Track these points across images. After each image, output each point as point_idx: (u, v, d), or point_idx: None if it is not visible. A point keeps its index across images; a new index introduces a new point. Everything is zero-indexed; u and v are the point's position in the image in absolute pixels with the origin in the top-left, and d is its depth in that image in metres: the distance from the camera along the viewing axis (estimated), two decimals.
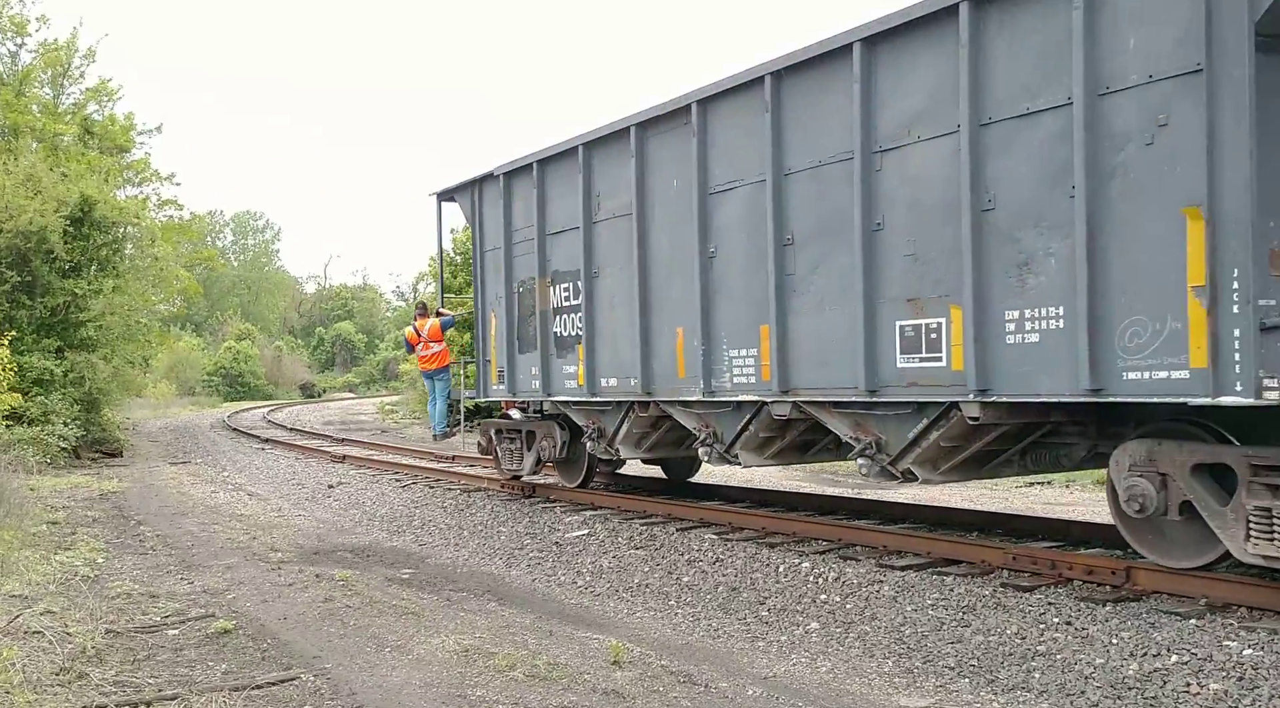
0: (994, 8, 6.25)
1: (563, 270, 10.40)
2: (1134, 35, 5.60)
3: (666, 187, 8.96)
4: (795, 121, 7.65)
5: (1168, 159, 5.49)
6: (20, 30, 28.75)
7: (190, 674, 5.66)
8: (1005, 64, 6.23)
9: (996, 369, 6.32)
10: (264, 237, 78.70)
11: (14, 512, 10.17)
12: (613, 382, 9.83)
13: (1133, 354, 5.63)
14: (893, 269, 6.97)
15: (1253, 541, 5.48)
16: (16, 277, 18.58)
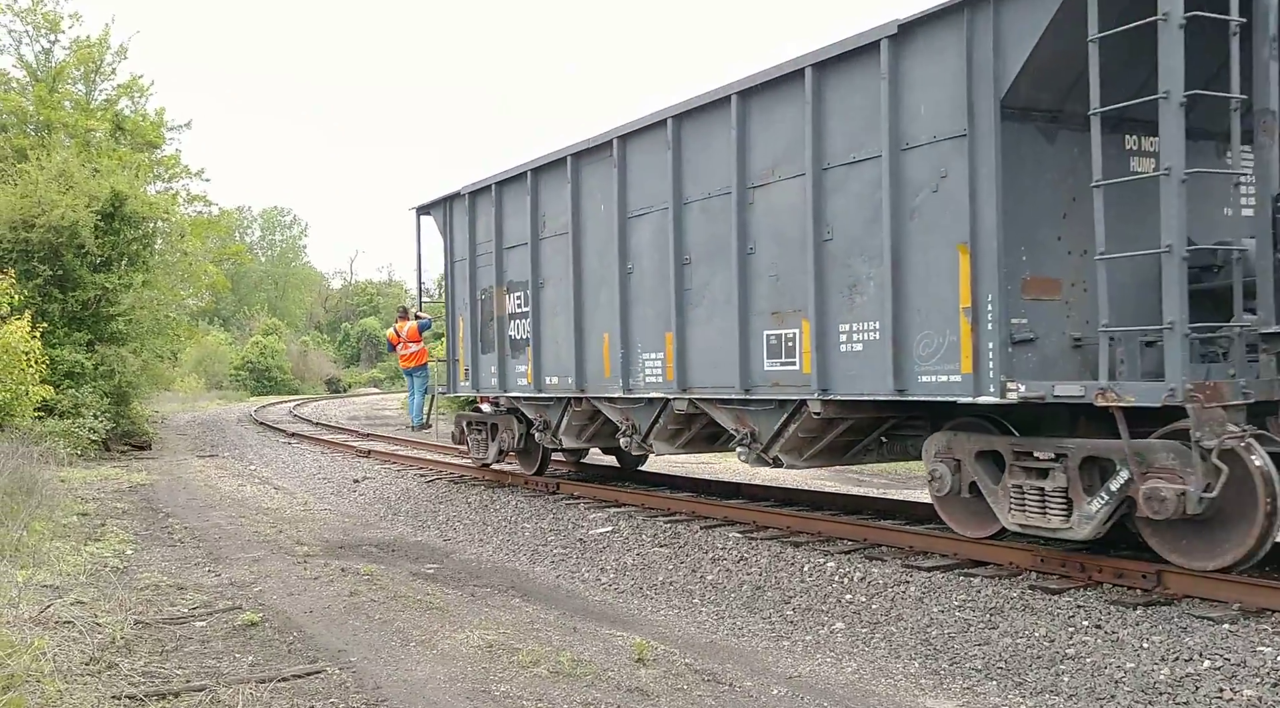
0: (831, 73, 7.52)
1: (516, 281, 11.78)
2: (923, 104, 6.89)
3: (596, 210, 10.25)
4: (690, 159, 8.95)
5: (947, 204, 6.76)
6: (54, 27, 29.10)
7: (218, 666, 5.70)
8: (839, 120, 7.51)
9: (833, 372, 7.64)
10: (291, 233, 79.25)
11: (45, 503, 10.28)
12: (554, 380, 11.10)
13: (925, 362, 6.96)
14: (761, 287, 8.28)
15: (1012, 512, 6.80)
16: (49, 271, 18.80)
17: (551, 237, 11.01)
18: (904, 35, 7.00)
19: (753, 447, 8.58)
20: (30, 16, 28.82)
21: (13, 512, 8.81)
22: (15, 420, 14.54)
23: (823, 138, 7.61)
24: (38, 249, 18.71)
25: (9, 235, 18.49)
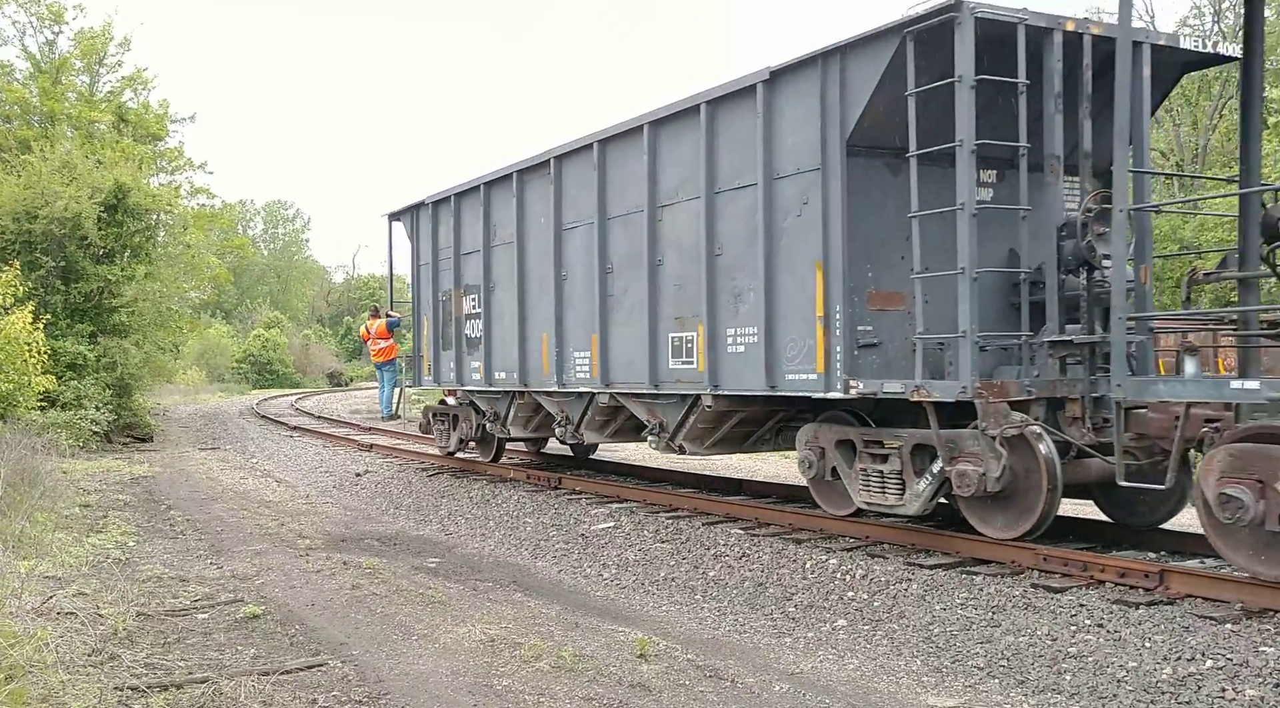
0: (721, 109, 8.64)
1: (471, 284, 12.82)
2: (790, 140, 7.96)
3: (537, 222, 11.27)
4: (613, 179, 9.95)
5: (807, 227, 7.84)
6: (57, 19, 29.07)
7: (220, 658, 5.70)
8: (727, 151, 8.59)
9: (722, 371, 8.74)
10: (294, 226, 79.18)
11: (47, 494, 10.29)
12: (503, 375, 12.15)
13: (791, 362, 8.07)
14: (668, 295, 9.37)
15: (860, 492, 7.96)
16: (51, 262, 18.80)
17: (501, 245, 12.08)
18: (775, 80, 8.07)
19: (661, 436, 9.66)
20: (34, 7, 28.80)
21: (15, 503, 8.81)
22: (17, 412, 14.55)
23: (715, 166, 8.74)
24: (41, 240, 18.71)
25: (12, 226, 18.49)
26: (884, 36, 7.24)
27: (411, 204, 14.28)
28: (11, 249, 18.10)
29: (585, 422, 10.96)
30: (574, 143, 10.44)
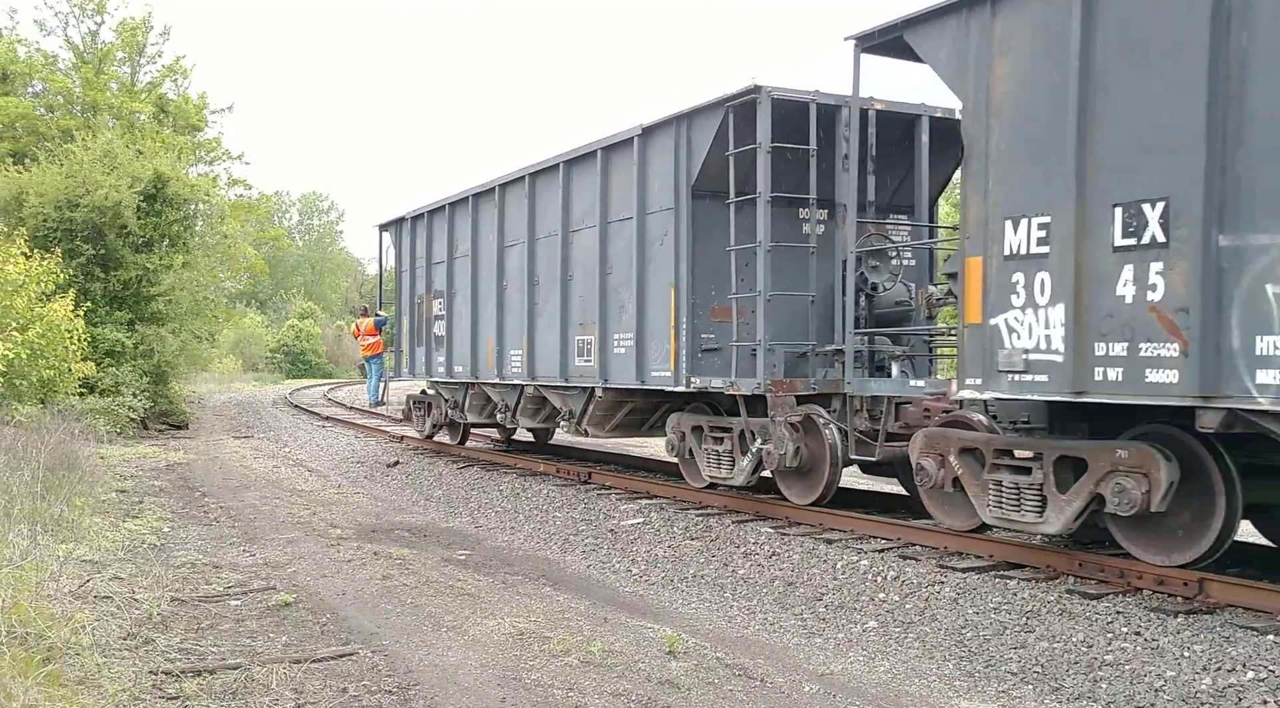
0: (613, 154, 10.56)
1: (438, 290, 14.87)
2: (657, 183, 9.92)
3: (487, 239, 13.31)
4: (539, 206, 11.99)
5: (667, 254, 9.79)
6: (100, 9, 29.45)
7: (252, 645, 5.75)
8: (616, 189, 10.51)
9: (610, 368, 10.67)
10: (328, 218, 79.88)
11: (85, 479, 10.43)
12: (460, 369, 14.18)
13: (654, 362, 10.03)
14: (575, 305, 11.32)
15: (705, 467, 9.92)
16: (91, 250, 19.05)
17: (460, 257, 14.16)
18: (647, 134, 10.04)
19: (570, 421, 11.66)
20: None
21: (54, 487, 8.93)
22: (58, 397, 14.76)
23: (608, 200, 10.65)
24: (81, 229, 18.97)
25: (54, 215, 18.76)
26: (714, 108, 9.13)
27: (396, 218, 16.48)
28: (53, 237, 18.35)
29: (519, 409, 13.02)
30: (513, 173, 12.55)
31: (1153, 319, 5.81)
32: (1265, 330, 5.31)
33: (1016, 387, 6.58)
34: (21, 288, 13.58)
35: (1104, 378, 6.06)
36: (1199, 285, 5.56)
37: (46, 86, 28.31)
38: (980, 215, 6.86)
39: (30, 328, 13.25)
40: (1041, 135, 6.44)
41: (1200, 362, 5.56)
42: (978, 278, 6.90)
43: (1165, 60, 5.81)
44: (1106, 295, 6.05)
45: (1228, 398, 5.50)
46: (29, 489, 8.04)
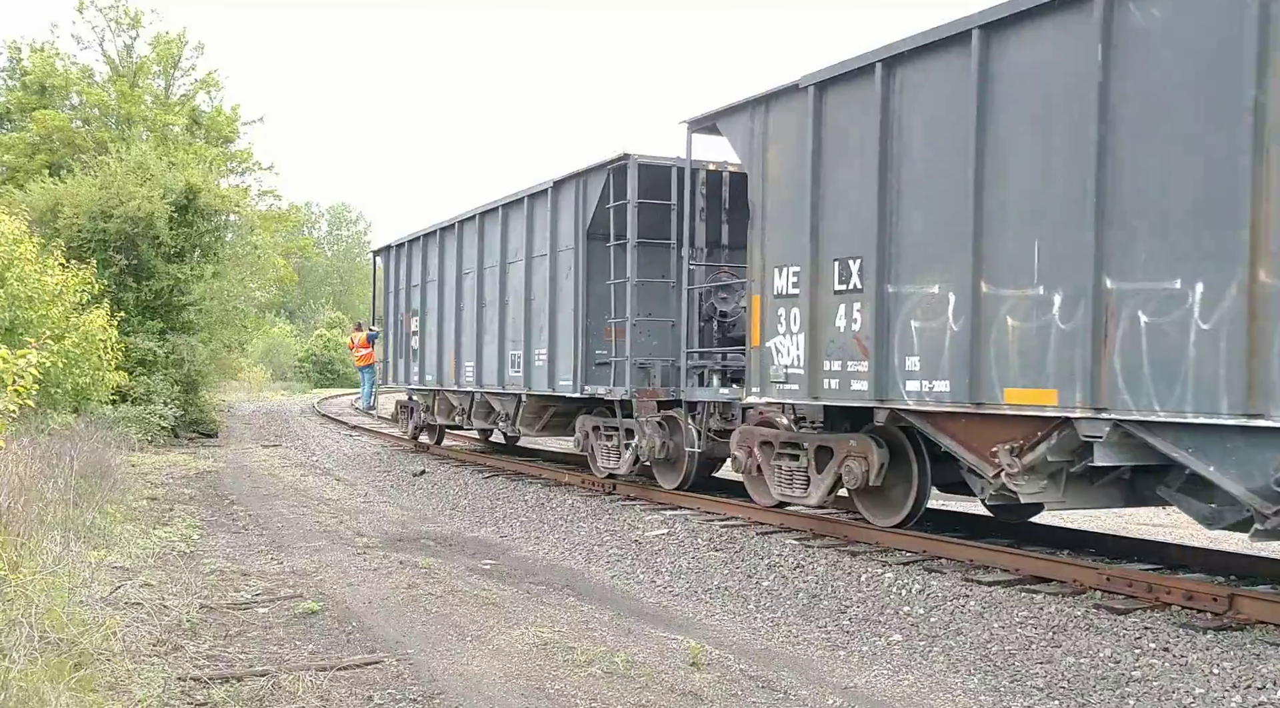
0: (536, 201, 12.78)
1: (415, 309, 17.17)
2: (564, 227, 12.10)
3: (450, 267, 15.57)
4: (486, 241, 14.30)
5: (571, 285, 11.87)
6: (135, 23, 29.91)
7: (279, 652, 5.80)
8: (538, 230, 12.79)
9: (533, 377, 12.87)
10: (356, 229, 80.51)
11: (117, 487, 10.57)
12: (430, 378, 16.46)
13: (561, 373, 12.09)
14: (509, 325, 13.59)
15: (601, 460, 11.93)
16: (124, 260, 19.33)
17: (431, 282, 16.39)
18: (557, 187, 12.26)
19: (505, 422, 14.09)
20: (112, 12, 29.68)
21: (87, 494, 9.06)
22: (91, 405, 14.97)
23: (531, 239, 12.92)
24: (114, 239, 19.25)
25: (89, 226, 19.06)
26: (600, 170, 11.33)
27: (385, 245, 19.16)
28: (87, 247, 18.64)
29: (472, 412, 15.26)
30: (468, 212, 14.81)
31: (855, 344, 7.98)
32: (910, 353, 7.48)
33: (781, 393, 8.79)
34: (58, 298, 13.80)
35: (829, 387, 8.27)
36: (873, 320, 7.73)
37: (83, 100, 28.82)
38: (759, 263, 9.03)
39: (66, 337, 13.46)
40: (794, 206, 8.53)
41: (876, 375, 7.74)
42: (757, 311, 9.05)
43: (856, 157, 7.90)
44: (830, 326, 8.21)
45: (892, 401, 7.68)
46: (62, 496, 8.16)
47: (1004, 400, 6.78)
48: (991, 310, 6.86)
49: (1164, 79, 5.88)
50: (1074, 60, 6.29)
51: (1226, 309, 5.53)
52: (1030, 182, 6.61)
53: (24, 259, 13.17)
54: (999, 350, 6.81)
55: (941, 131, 7.24)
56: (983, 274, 6.90)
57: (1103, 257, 6.12)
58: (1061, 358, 6.39)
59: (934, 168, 7.30)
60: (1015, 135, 6.72)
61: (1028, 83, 6.65)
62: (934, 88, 7.32)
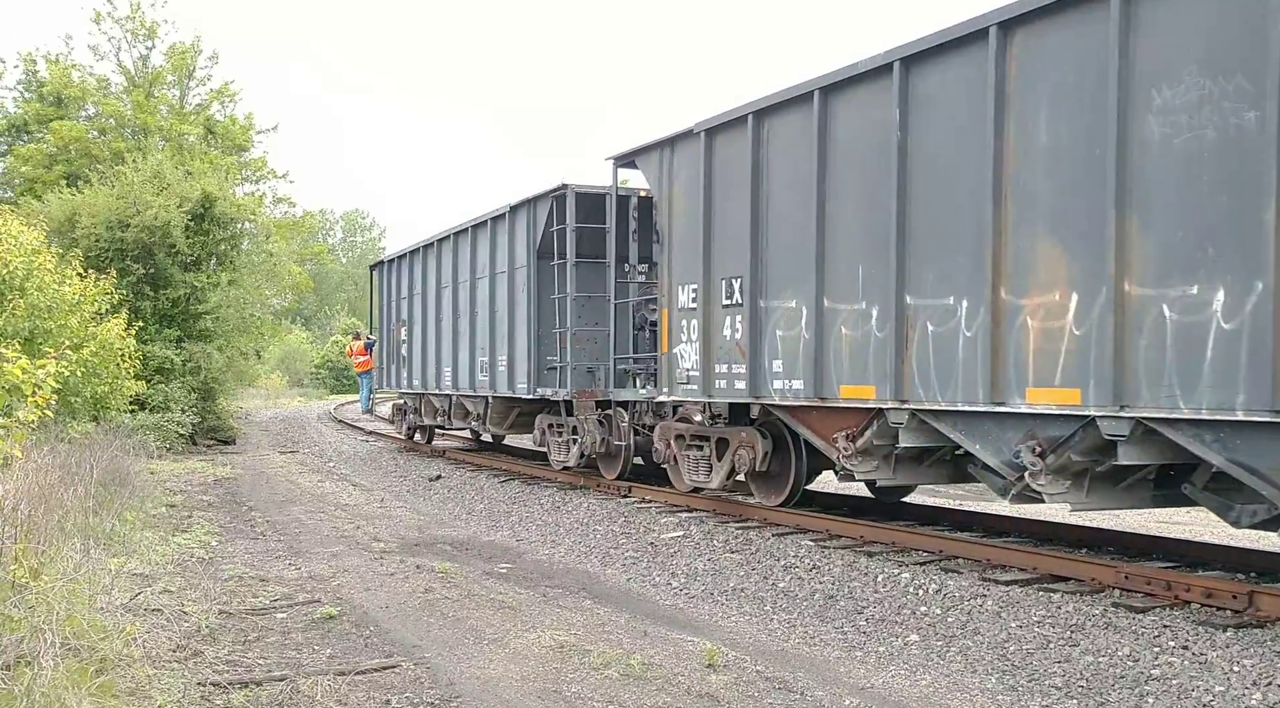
0: (498, 223, 14.53)
1: (404, 319, 19.02)
2: (520, 247, 13.74)
3: (431, 281, 17.41)
4: (460, 258, 16.14)
5: (526, 299, 13.56)
6: (151, 34, 30.13)
7: (298, 657, 5.84)
8: (500, 249, 14.48)
9: (497, 382, 14.51)
10: (370, 235, 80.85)
11: (136, 494, 10.64)
12: (417, 382, 18.26)
13: (517, 376, 13.77)
14: (479, 334, 15.22)
15: (554, 453, 13.37)
16: (141, 269, 19.46)
17: (417, 295, 18.21)
18: (513, 211, 14.04)
19: (479, 422, 15.72)
20: (128, 23, 29.90)
21: (107, 502, 9.13)
22: (110, 414, 15.08)
23: (494, 257, 14.65)
24: (132, 248, 19.39)
25: (106, 235, 19.20)
26: (547, 197, 12.99)
27: (379, 260, 21.51)
28: (105, 256, 18.78)
29: (452, 413, 16.88)
30: (445, 232, 16.70)
31: (737, 349, 9.48)
32: (775, 357, 9.02)
33: (684, 393, 10.26)
34: (77, 307, 13.91)
35: (719, 387, 9.80)
36: (749, 329, 9.26)
37: (99, 110, 29.05)
38: (667, 281, 10.54)
39: (85, 347, 13.57)
40: (692, 233, 10.05)
41: (751, 376, 9.28)
42: (666, 322, 10.57)
43: (736, 194, 9.36)
44: (719, 335, 9.73)
45: (763, 397, 9.23)
46: (82, 504, 8.22)
47: (840, 396, 8.32)
48: (831, 322, 8.36)
49: (938, 138, 7.37)
50: (883, 121, 7.73)
51: (980, 321, 6.99)
52: (855, 218, 8.11)
53: (43, 269, 13.27)
54: (836, 354, 8.33)
55: (795, 176, 8.70)
56: (825, 292, 8.40)
57: (904, 279, 7.59)
58: (877, 360, 7.87)
59: (791, 205, 8.79)
60: (846, 181, 8.20)
61: (853, 139, 8.11)
62: (790, 139, 8.77)
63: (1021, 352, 6.74)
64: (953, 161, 7.23)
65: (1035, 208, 6.71)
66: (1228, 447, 5.78)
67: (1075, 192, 6.45)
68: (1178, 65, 5.88)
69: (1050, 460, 6.66)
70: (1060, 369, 6.52)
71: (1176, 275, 5.87)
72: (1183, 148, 5.86)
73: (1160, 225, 5.97)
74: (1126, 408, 6.11)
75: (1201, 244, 5.76)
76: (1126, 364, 6.11)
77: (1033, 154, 6.71)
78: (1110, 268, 6.14)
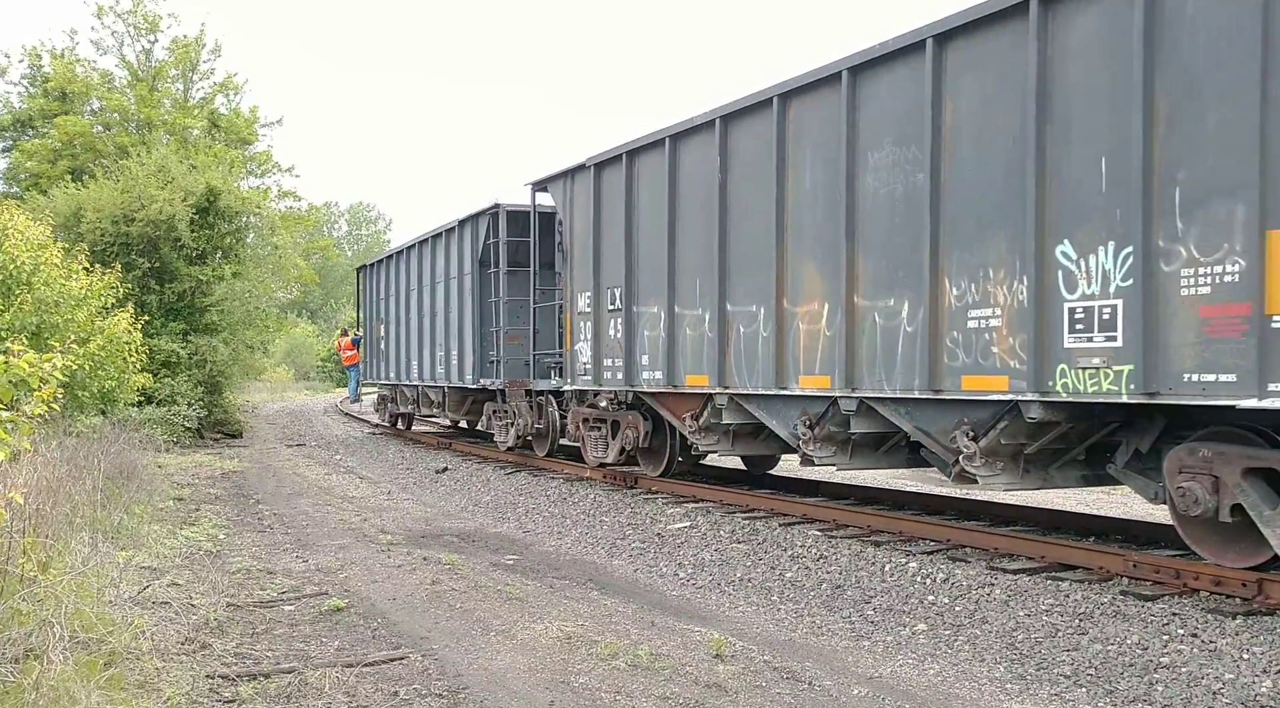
0: (451, 235, 16.57)
1: (383, 317, 21.47)
2: (466, 257, 16.02)
3: (403, 284, 19.81)
4: (424, 264, 18.41)
5: (471, 302, 15.76)
6: (153, 27, 30.09)
7: (305, 649, 5.84)
8: (452, 258, 16.66)
9: (450, 373, 16.62)
10: (376, 228, 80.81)
11: (144, 487, 10.66)
12: (392, 375, 20.72)
13: (465, 369, 15.92)
14: (438, 332, 17.41)
15: (498, 436, 15.30)
16: (147, 263, 19.47)
17: (392, 296, 20.60)
18: (460, 226, 16.30)
19: (440, 409, 17.97)
20: (131, 17, 29.86)
21: (114, 495, 9.15)
22: (117, 408, 15.10)
23: (448, 265, 16.90)
24: (137, 242, 19.40)
25: (111, 229, 19.21)
26: (483, 214, 15.32)
27: (363, 265, 24.15)
28: (110, 251, 18.79)
29: (419, 401, 19.33)
30: (412, 241, 19.12)
31: (618, 346, 11.42)
32: (644, 352, 10.97)
33: (582, 382, 12.23)
34: (83, 302, 13.92)
35: (606, 377, 11.76)
36: (625, 330, 11.18)
37: (103, 104, 29.02)
38: (569, 289, 12.58)
39: (92, 341, 13.58)
40: (587, 249, 12.00)
41: (627, 368, 11.25)
42: (569, 323, 12.58)
43: (616, 218, 11.32)
44: (606, 334, 11.72)
45: (636, 386, 11.20)
46: (90, 498, 8.24)
47: (686, 384, 10.28)
48: (679, 324, 10.34)
49: (744, 181, 9.33)
50: (711, 165, 9.71)
51: (770, 324, 8.97)
52: (695, 241, 10.06)
53: (50, 264, 13.28)
54: (683, 350, 10.28)
55: (655, 206, 10.65)
56: (675, 300, 10.36)
57: (725, 291, 9.60)
58: (709, 355, 9.82)
59: (652, 229, 10.72)
60: (689, 212, 10.15)
61: (693, 178, 10.06)
62: (652, 176, 10.72)
63: (796, 348, 8.77)
64: (754, 199, 9.21)
65: (803, 238, 8.68)
66: (914, 418, 7.76)
67: (826, 226, 8.37)
68: (882, 136, 7.81)
69: (817, 431, 8.75)
70: (819, 362, 8.49)
71: (882, 291, 7.82)
72: (885, 197, 7.79)
73: (873, 254, 7.91)
74: (856, 390, 8.06)
75: (894, 269, 7.71)
76: (855, 358, 8.07)
77: (801, 196, 8.68)
78: (844, 285, 8.10)
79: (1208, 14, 5.68)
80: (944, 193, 7.25)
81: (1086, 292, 6.28)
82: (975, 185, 7.05)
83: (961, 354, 7.15)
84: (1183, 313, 5.78)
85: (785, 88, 8.67)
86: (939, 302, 7.26)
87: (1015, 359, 6.74)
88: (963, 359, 7.13)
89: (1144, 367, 5.94)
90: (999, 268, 6.85)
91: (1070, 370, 6.40)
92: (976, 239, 7.01)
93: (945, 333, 7.24)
